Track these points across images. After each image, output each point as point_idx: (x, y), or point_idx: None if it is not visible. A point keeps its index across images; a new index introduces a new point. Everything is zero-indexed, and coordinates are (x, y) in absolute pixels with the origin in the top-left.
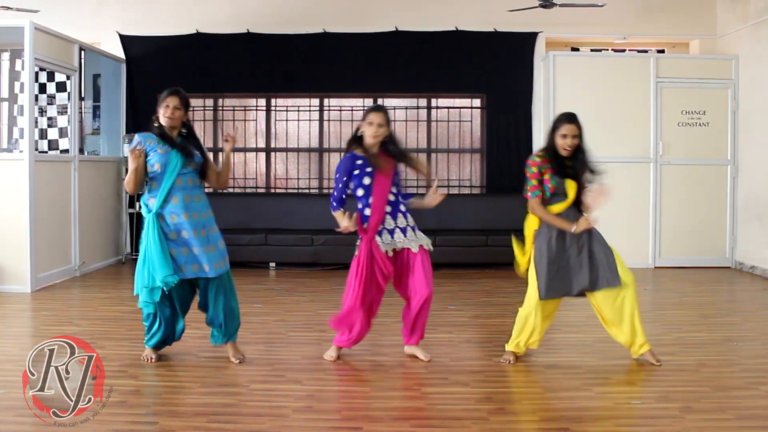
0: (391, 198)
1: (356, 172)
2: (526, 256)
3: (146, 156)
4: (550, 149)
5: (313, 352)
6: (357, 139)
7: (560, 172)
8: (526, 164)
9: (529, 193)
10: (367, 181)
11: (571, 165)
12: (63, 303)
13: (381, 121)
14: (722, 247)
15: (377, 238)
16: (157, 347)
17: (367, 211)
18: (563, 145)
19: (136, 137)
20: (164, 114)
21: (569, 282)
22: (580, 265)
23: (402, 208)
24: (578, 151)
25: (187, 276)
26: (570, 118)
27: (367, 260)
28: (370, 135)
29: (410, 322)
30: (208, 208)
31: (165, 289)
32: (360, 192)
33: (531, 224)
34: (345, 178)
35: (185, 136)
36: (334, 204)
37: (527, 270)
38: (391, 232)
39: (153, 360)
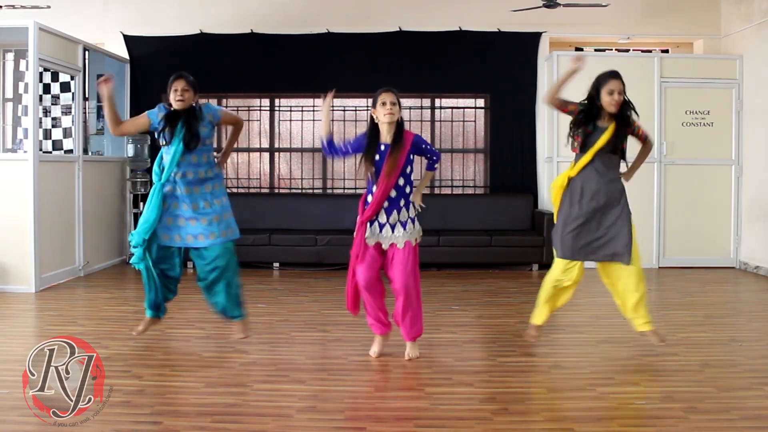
0: (392, 194)
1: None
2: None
3: (156, 129)
4: (592, 112)
5: (317, 353)
6: (374, 127)
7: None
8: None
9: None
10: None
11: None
12: (67, 303)
13: (393, 99)
14: (726, 248)
15: (368, 225)
16: (153, 315)
17: (370, 198)
18: (611, 102)
19: (159, 106)
20: (174, 98)
21: (584, 248)
22: (599, 235)
23: (401, 203)
24: (625, 106)
25: (175, 244)
26: (615, 73)
27: (358, 237)
28: (385, 115)
29: (397, 317)
30: (214, 181)
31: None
32: (374, 189)
33: (559, 182)
34: (354, 144)
35: (188, 113)
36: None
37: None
38: (381, 227)
39: (138, 332)
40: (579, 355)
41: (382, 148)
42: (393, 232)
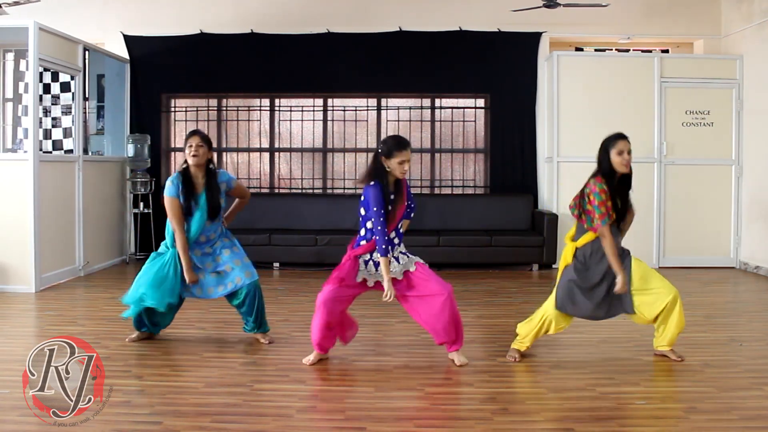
0: (391, 235)
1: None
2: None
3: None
4: (607, 172)
5: None
6: (381, 174)
7: (613, 197)
8: (595, 192)
9: (599, 221)
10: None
11: (621, 186)
12: (67, 303)
13: (409, 157)
14: (727, 247)
15: (360, 262)
16: (137, 326)
17: (363, 242)
18: (622, 161)
19: (169, 184)
20: (189, 153)
21: (587, 309)
22: (603, 299)
23: (395, 240)
24: (629, 177)
25: (196, 296)
26: (622, 135)
27: (346, 272)
28: (401, 173)
29: (443, 333)
30: (222, 237)
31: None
32: (369, 225)
33: (566, 258)
34: (383, 210)
35: (209, 182)
36: (384, 248)
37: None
38: (376, 265)
39: (131, 339)
40: (579, 355)
41: (391, 197)
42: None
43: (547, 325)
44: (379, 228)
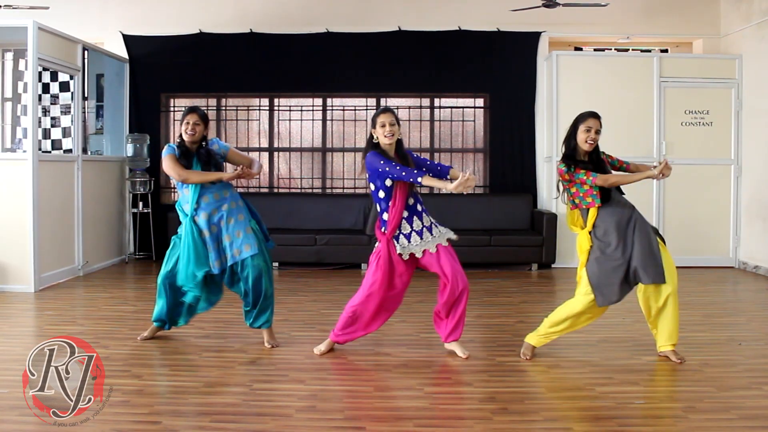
0: (410, 202)
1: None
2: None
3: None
4: (569, 151)
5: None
6: (374, 146)
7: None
8: (563, 171)
9: (589, 177)
10: (389, 182)
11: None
12: (66, 302)
13: (392, 120)
14: (726, 247)
15: (394, 242)
16: (159, 325)
17: (386, 216)
18: (586, 138)
19: (167, 148)
20: (185, 131)
21: (618, 287)
22: (627, 263)
23: (419, 208)
24: (596, 149)
25: (224, 266)
26: (594, 113)
27: (386, 258)
28: (385, 136)
29: (451, 315)
30: (236, 199)
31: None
32: (381, 194)
33: (584, 246)
34: (391, 162)
35: (202, 153)
36: (415, 173)
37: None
38: (408, 237)
39: (142, 338)
40: (579, 355)
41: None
42: (422, 238)
43: (574, 322)
44: (398, 171)
